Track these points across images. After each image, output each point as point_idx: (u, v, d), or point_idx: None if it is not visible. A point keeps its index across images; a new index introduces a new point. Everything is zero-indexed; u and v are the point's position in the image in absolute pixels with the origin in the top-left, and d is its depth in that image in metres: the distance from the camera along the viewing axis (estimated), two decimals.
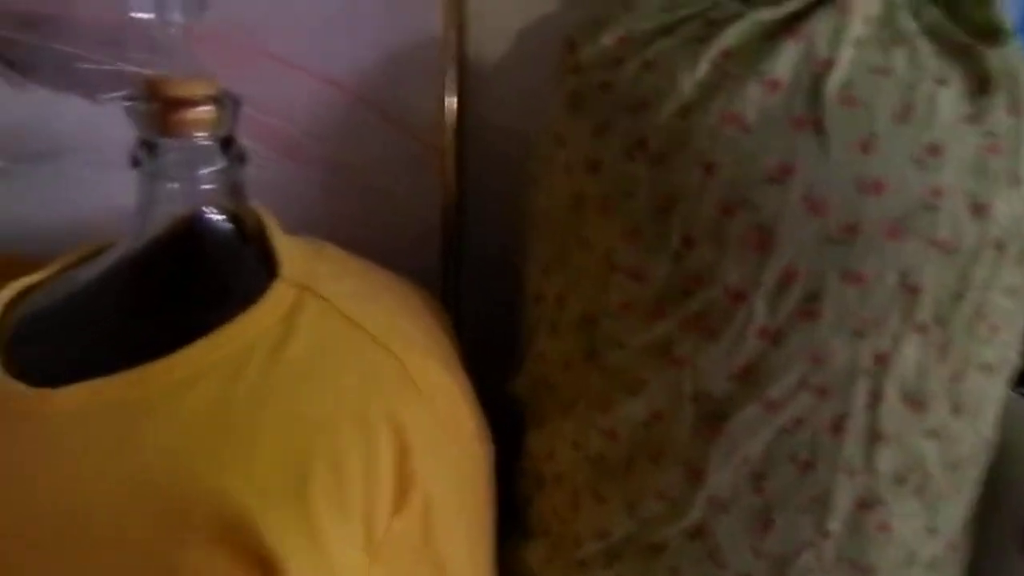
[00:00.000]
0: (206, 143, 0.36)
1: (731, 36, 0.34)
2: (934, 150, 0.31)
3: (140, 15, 0.36)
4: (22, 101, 0.51)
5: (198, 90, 0.35)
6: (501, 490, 0.46)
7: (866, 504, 0.36)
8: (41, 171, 0.52)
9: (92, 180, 0.52)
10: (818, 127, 0.31)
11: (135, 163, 0.36)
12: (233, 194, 0.38)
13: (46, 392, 0.31)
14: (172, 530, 0.30)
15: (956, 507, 0.40)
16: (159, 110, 0.35)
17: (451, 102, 0.53)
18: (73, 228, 0.53)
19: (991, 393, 0.37)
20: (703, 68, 0.33)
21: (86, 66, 0.50)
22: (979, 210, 0.31)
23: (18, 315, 0.36)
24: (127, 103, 0.35)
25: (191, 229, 0.37)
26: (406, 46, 0.53)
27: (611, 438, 0.39)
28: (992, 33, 0.34)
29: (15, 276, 0.39)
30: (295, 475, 0.32)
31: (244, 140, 0.38)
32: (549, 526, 0.45)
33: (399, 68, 0.53)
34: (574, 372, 0.40)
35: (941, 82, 0.32)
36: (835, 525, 0.36)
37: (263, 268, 0.37)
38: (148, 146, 0.35)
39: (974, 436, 0.37)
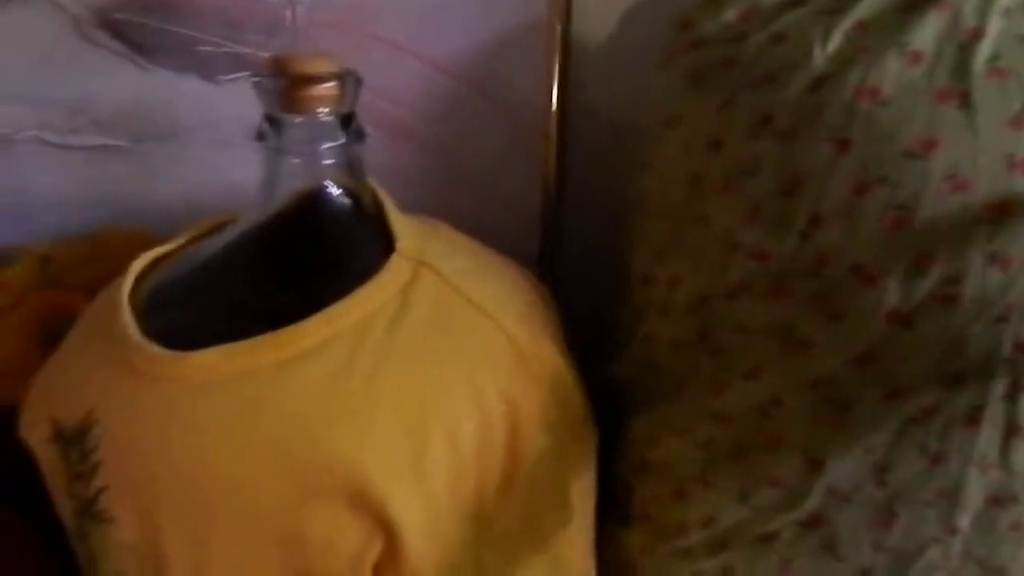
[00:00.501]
0: (328, 119, 0.37)
1: (867, 7, 0.32)
2: None
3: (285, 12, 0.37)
4: (144, 82, 0.53)
5: (322, 67, 0.36)
6: (601, 477, 0.45)
7: (999, 501, 0.34)
8: (162, 150, 0.55)
9: (210, 159, 0.55)
10: (964, 101, 0.30)
11: (260, 137, 0.37)
12: (352, 170, 0.39)
13: (181, 355, 0.32)
14: (298, 494, 0.31)
15: None
16: (285, 86, 0.36)
17: (554, 87, 0.53)
18: (191, 205, 0.55)
19: None
20: (836, 40, 0.32)
21: (205, 48, 0.52)
22: None
23: (150, 284, 0.38)
24: (254, 79, 0.37)
25: (313, 203, 0.38)
26: (512, 31, 0.53)
27: (723, 423, 0.38)
28: None
29: (139, 251, 0.41)
30: (413, 445, 0.33)
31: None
32: (650, 513, 0.44)
33: (504, 53, 0.53)
34: (685, 355, 0.39)
35: None
36: (964, 522, 0.35)
37: (381, 243, 0.38)
38: (273, 121, 0.37)
39: None
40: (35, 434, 0.37)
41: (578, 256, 0.57)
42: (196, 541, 0.32)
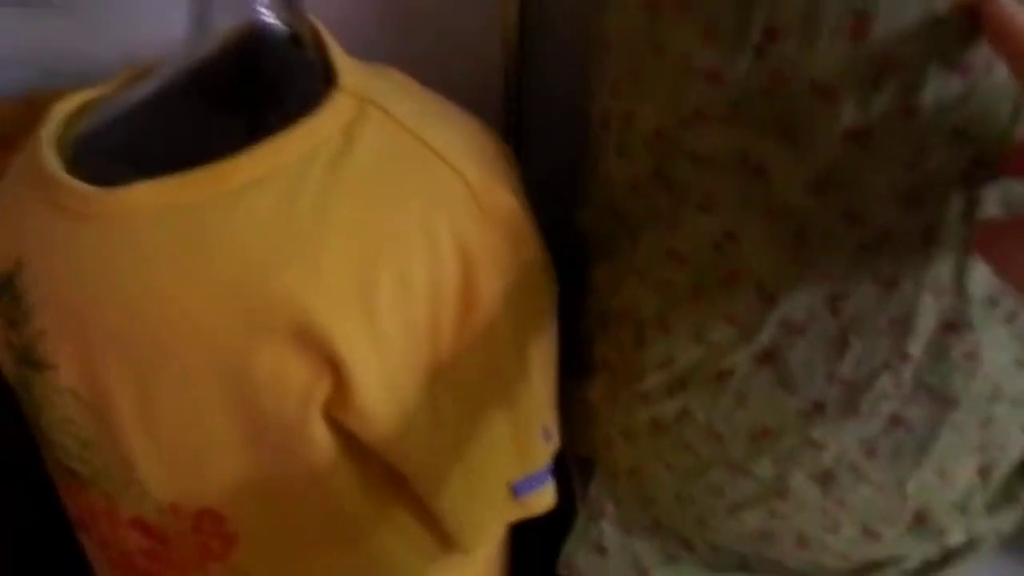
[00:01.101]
0: None
1: None
2: None
3: None
4: None
5: None
6: (563, 334, 0.45)
7: (952, 328, 0.34)
8: (97, 4, 0.51)
9: (151, 11, 0.51)
10: None
11: None
12: (288, 5, 0.36)
13: (113, 190, 0.31)
14: (245, 328, 0.31)
15: None
16: None
17: None
18: (131, 47, 0.52)
19: None
20: None
21: None
22: None
23: (78, 127, 0.36)
24: None
25: (247, 37, 0.35)
26: None
27: (680, 262, 0.37)
28: None
29: None
30: (362, 283, 0.32)
31: None
32: (611, 361, 0.44)
33: None
34: (641, 194, 0.38)
35: None
36: (916, 349, 0.35)
37: (323, 80, 0.36)
38: None
39: None
40: None
41: (544, 108, 0.55)
42: (140, 381, 0.32)
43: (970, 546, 0.44)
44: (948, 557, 0.44)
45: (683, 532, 0.45)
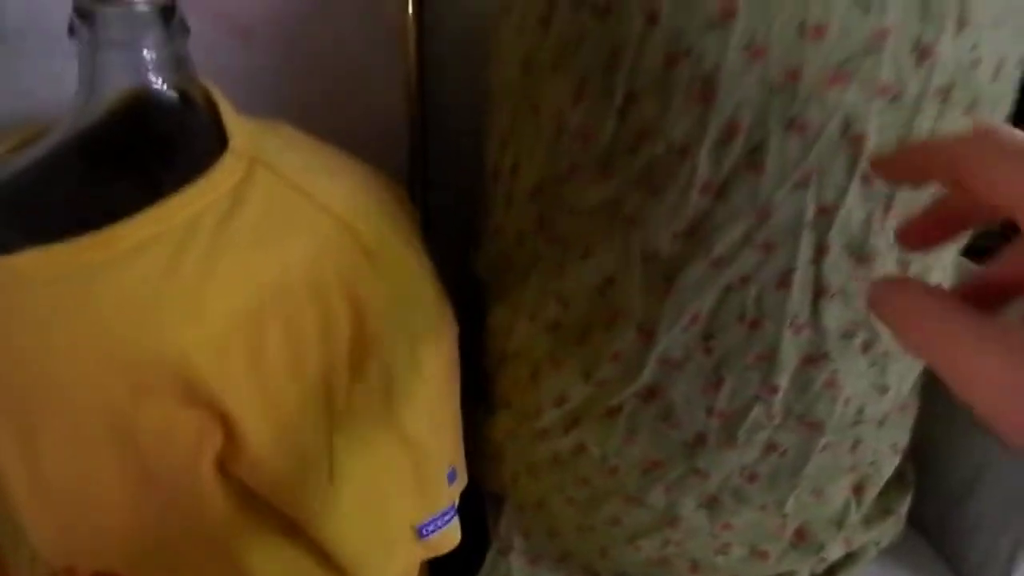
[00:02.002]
0: (144, 9, 0.35)
1: None
2: None
3: None
4: None
5: None
6: (467, 370, 0.47)
7: (812, 360, 0.37)
8: None
9: (43, 66, 0.51)
10: None
11: (71, 32, 0.35)
12: (178, 68, 0.37)
13: (9, 257, 0.31)
14: (127, 389, 0.31)
15: (905, 367, 0.41)
16: None
17: None
18: (18, 112, 0.52)
19: (940, 254, 0.38)
20: None
21: None
22: (924, 54, 0.31)
23: None
24: None
25: (137, 100, 0.36)
26: None
27: (565, 305, 0.40)
28: None
29: None
30: (248, 336, 0.33)
31: (191, 20, 0.37)
32: (511, 399, 0.46)
33: None
34: (528, 243, 0.40)
35: None
36: (783, 380, 0.37)
37: (214, 141, 0.37)
38: (84, 14, 0.35)
39: None
40: None
41: (446, 160, 0.57)
42: (29, 442, 0.32)
43: (851, 559, 0.47)
44: (833, 570, 0.47)
45: (587, 562, 0.47)
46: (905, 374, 0.41)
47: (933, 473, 0.51)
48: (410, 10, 0.52)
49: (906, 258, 0.36)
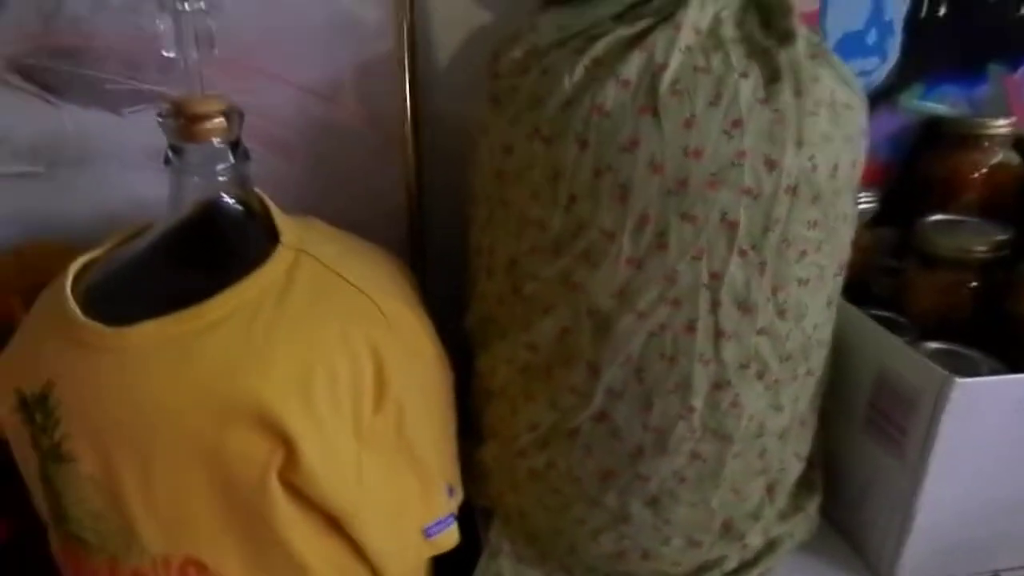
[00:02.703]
0: (219, 146, 0.48)
1: (599, 48, 0.46)
2: (737, 124, 0.44)
3: (166, 53, 0.48)
4: (56, 116, 0.63)
5: (212, 107, 0.47)
6: (463, 406, 0.59)
7: (719, 386, 0.50)
8: (75, 174, 0.64)
9: (117, 179, 0.65)
10: (655, 112, 0.44)
11: (167, 162, 0.48)
12: (241, 183, 0.50)
13: (122, 329, 0.44)
14: (218, 423, 0.43)
15: (796, 390, 0.53)
16: (183, 124, 0.47)
17: (407, 102, 0.66)
18: (102, 220, 0.65)
19: (809, 302, 0.50)
20: (579, 72, 0.46)
21: (109, 85, 0.62)
22: (772, 165, 0.44)
23: (88, 279, 0.49)
24: (158, 119, 0.48)
25: (211, 211, 0.49)
26: (369, 59, 0.65)
27: (534, 351, 0.52)
28: (787, 36, 0.47)
29: (58, 261, 0.51)
30: (301, 382, 0.45)
31: (249, 142, 0.50)
32: (496, 429, 0.58)
33: (364, 77, 0.65)
34: (505, 304, 0.53)
35: (744, 75, 0.45)
36: (698, 402, 0.50)
37: (268, 238, 0.50)
38: (176, 150, 0.48)
39: (800, 335, 0.51)
40: (3, 405, 0.47)
41: (439, 242, 0.70)
42: (143, 466, 0.43)
43: (770, 547, 0.58)
44: (758, 557, 0.58)
45: (561, 558, 0.58)
46: (798, 396, 0.54)
47: (838, 479, 0.63)
48: (407, 125, 0.66)
49: (782, 307, 0.49)
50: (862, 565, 0.61)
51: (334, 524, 0.47)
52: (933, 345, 0.60)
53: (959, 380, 0.51)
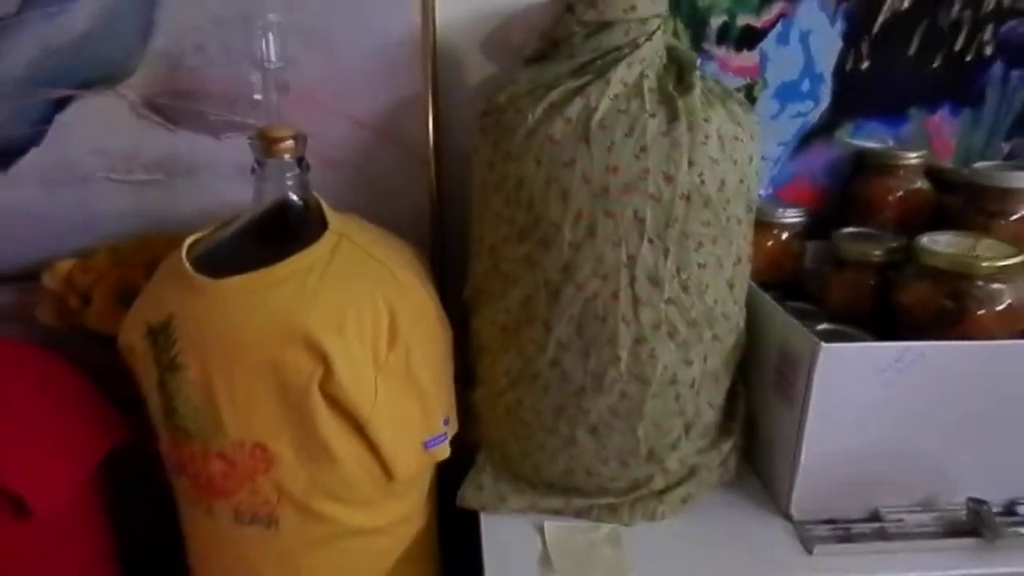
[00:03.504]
0: (289, 161, 0.69)
1: (554, 95, 0.66)
2: (644, 149, 0.62)
3: (256, 96, 0.70)
4: (173, 140, 0.85)
5: (285, 133, 0.69)
6: (459, 360, 0.78)
7: (638, 342, 0.67)
8: (185, 182, 0.87)
9: (214, 186, 0.87)
10: (587, 141, 0.63)
11: (253, 172, 0.69)
12: (303, 187, 0.71)
13: (219, 280, 0.64)
14: (281, 342, 0.63)
15: (704, 349, 0.70)
16: (265, 145, 0.68)
17: (430, 132, 0.86)
18: (203, 215, 0.87)
19: (710, 282, 0.68)
20: (538, 113, 0.65)
21: (212, 118, 0.85)
22: (669, 179, 0.63)
23: (196, 249, 0.70)
24: (248, 141, 0.69)
25: (281, 206, 0.70)
26: (403, 99, 0.86)
27: (507, 313, 0.71)
28: (689, 88, 0.65)
29: (170, 245, 0.72)
30: (337, 320, 0.65)
31: (310, 158, 0.71)
32: (483, 376, 0.77)
33: (399, 111, 0.86)
34: (488, 279, 0.72)
35: (652, 115, 0.63)
36: (623, 353, 0.68)
37: (319, 226, 0.70)
38: (259, 163, 0.69)
39: (702, 306, 0.68)
40: (134, 334, 0.68)
41: (455, 237, 0.90)
42: (229, 373, 0.64)
43: (690, 473, 0.75)
44: (680, 481, 0.75)
45: (527, 476, 0.76)
46: (706, 355, 0.71)
47: (756, 429, 0.79)
48: (430, 149, 0.86)
49: (686, 284, 0.67)
50: (770, 501, 0.78)
51: (357, 427, 0.67)
52: (825, 326, 0.77)
53: (824, 345, 0.67)
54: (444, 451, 0.73)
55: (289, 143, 0.69)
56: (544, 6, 0.78)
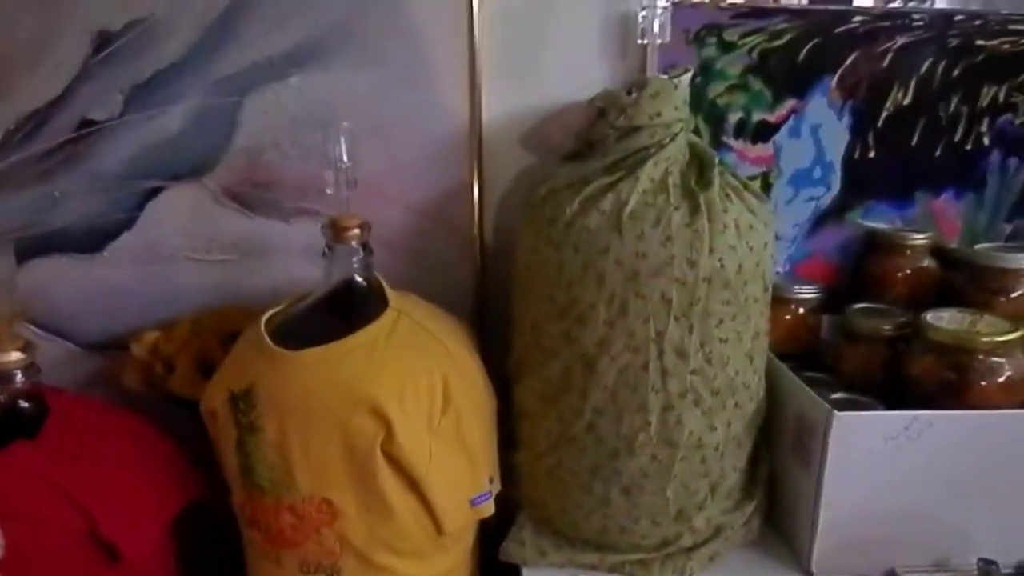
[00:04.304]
0: (355, 245, 0.79)
1: (589, 190, 0.75)
2: (668, 239, 0.71)
3: (328, 191, 0.80)
4: (249, 224, 0.96)
5: (353, 223, 0.78)
6: (503, 424, 0.86)
7: (666, 409, 0.75)
8: (258, 262, 0.97)
9: (284, 265, 0.97)
10: (619, 231, 0.72)
11: (324, 255, 0.79)
12: (367, 268, 0.81)
13: (295, 352, 0.73)
14: (350, 407, 0.72)
15: (727, 416, 0.77)
16: (335, 232, 0.78)
17: (475, 216, 0.96)
18: (275, 292, 0.97)
19: (731, 355, 0.75)
20: (576, 205, 0.75)
21: (285, 205, 0.95)
22: (692, 264, 0.71)
23: (274, 323, 0.79)
24: (321, 229, 0.79)
25: (348, 285, 0.80)
26: (452, 187, 0.96)
27: (546, 383, 0.79)
28: (708, 183, 0.74)
29: (244, 319, 0.82)
30: (399, 390, 0.73)
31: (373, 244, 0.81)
32: (524, 439, 0.84)
33: (447, 200, 0.96)
34: (528, 352, 0.81)
35: (676, 208, 0.72)
36: (653, 419, 0.75)
37: (381, 302, 0.79)
38: (330, 248, 0.79)
39: (725, 377, 0.76)
40: (216, 400, 0.77)
41: (497, 310, 0.99)
42: (303, 435, 0.72)
43: (717, 532, 0.81)
44: (707, 539, 0.81)
45: (565, 531, 0.83)
46: (730, 421, 0.78)
47: (777, 491, 0.85)
48: (475, 231, 0.96)
49: (709, 356, 0.74)
50: (792, 559, 0.83)
51: (413, 485, 0.74)
52: (839, 395, 0.83)
53: (838, 414, 0.74)
54: (489, 508, 0.80)
55: (356, 231, 0.79)
56: (580, 108, 0.88)
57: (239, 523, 0.81)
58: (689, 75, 0.80)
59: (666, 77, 0.78)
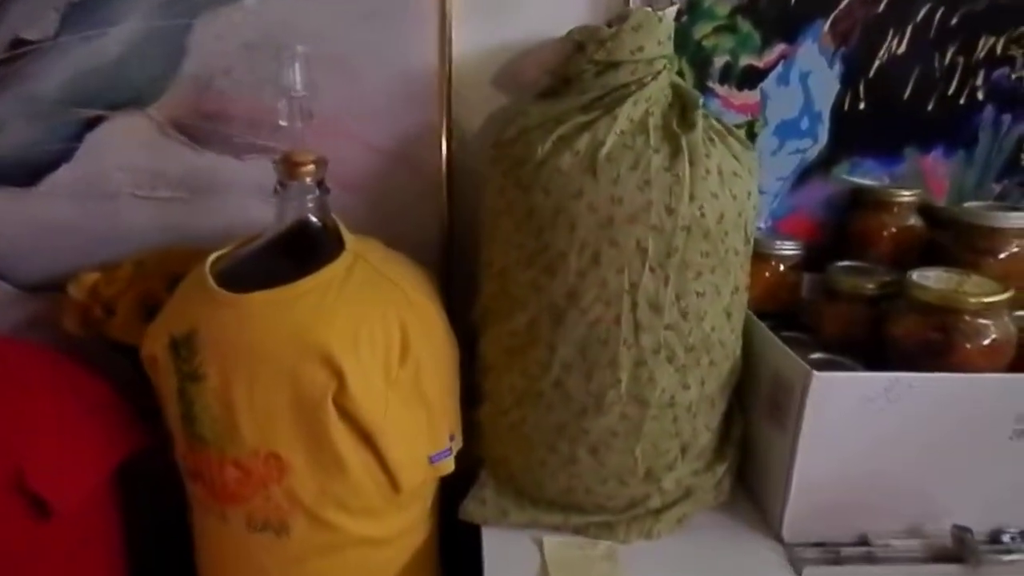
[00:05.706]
0: (310, 183, 0.73)
1: (563, 130, 0.70)
2: (647, 183, 0.66)
3: (281, 122, 0.73)
4: (198, 160, 0.89)
5: (307, 158, 0.72)
6: (465, 378, 0.81)
7: (638, 364, 0.71)
8: (208, 200, 0.90)
9: (235, 204, 0.90)
10: (594, 173, 0.67)
11: (275, 192, 0.73)
12: (323, 209, 0.75)
13: (241, 295, 0.68)
14: (299, 356, 0.66)
15: (701, 374, 0.73)
16: (288, 167, 0.72)
17: (443, 158, 0.90)
18: (225, 232, 0.90)
19: (708, 309, 0.71)
20: (547, 146, 0.69)
21: (236, 139, 0.89)
22: (671, 211, 0.66)
23: (219, 265, 0.73)
24: (272, 164, 0.73)
25: (302, 225, 0.74)
26: (418, 128, 0.90)
27: (513, 335, 0.74)
28: (691, 125, 0.69)
29: (192, 260, 0.76)
30: (352, 337, 0.68)
31: (329, 183, 0.75)
32: (488, 394, 0.80)
33: (413, 140, 0.90)
34: (495, 301, 0.76)
35: (656, 151, 0.67)
36: (623, 376, 0.71)
37: (337, 245, 0.74)
38: (282, 185, 0.73)
39: (700, 333, 0.71)
40: (156, 345, 0.72)
41: (464, 257, 0.94)
42: (248, 384, 0.67)
43: (686, 494, 0.78)
44: (675, 501, 0.78)
45: (528, 491, 0.79)
46: (704, 379, 0.74)
47: (750, 454, 0.82)
48: (443, 175, 0.90)
49: (684, 311, 0.70)
50: (763, 523, 0.80)
51: (367, 439, 0.70)
52: (819, 355, 0.80)
53: (816, 373, 0.70)
54: (449, 465, 0.76)
55: (311, 167, 0.72)
56: (555, 44, 0.81)
57: (182, 476, 0.76)
58: (675, 9, 0.74)
59: (650, 10, 0.72)
